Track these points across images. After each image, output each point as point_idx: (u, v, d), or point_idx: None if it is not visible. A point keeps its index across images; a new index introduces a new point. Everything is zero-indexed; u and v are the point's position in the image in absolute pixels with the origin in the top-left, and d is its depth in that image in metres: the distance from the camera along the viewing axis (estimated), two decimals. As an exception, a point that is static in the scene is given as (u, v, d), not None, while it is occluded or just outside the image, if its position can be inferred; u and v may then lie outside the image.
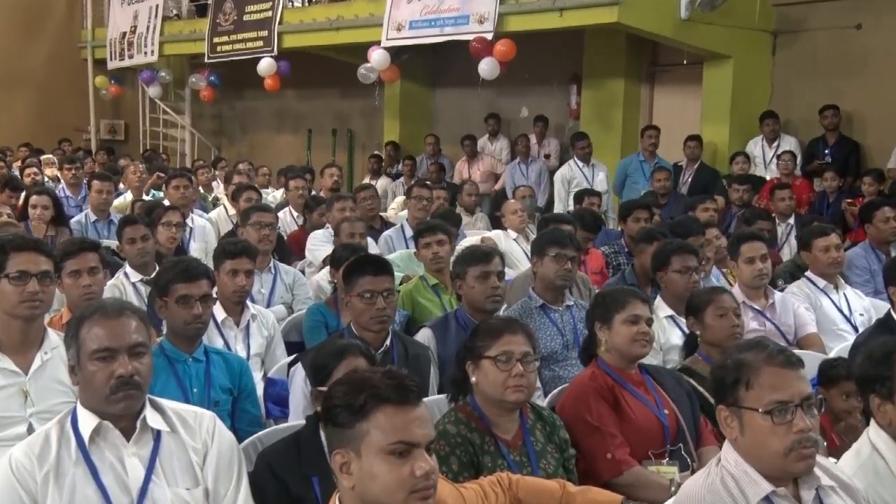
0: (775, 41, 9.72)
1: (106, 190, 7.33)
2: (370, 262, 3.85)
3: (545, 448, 2.96)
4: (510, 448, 2.89)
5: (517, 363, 2.86)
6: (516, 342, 2.90)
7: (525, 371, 2.86)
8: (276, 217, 6.03)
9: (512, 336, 2.91)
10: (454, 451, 2.81)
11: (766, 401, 2.20)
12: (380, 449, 1.97)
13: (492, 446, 2.86)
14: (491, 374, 2.87)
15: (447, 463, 2.78)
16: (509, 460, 2.85)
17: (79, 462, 2.39)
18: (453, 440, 2.83)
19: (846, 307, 5.01)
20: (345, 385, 2.07)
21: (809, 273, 5.15)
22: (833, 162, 8.84)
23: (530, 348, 2.94)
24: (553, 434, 3.02)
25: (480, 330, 3.03)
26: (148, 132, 15.78)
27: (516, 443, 2.91)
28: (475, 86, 10.07)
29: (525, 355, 2.89)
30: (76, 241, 4.33)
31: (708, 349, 3.77)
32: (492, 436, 2.88)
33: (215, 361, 3.53)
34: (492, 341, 2.91)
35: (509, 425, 2.93)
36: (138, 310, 2.56)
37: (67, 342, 2.49)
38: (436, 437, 2.77)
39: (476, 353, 2.93)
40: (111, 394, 2.39)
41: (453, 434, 2.84)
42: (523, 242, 6.87)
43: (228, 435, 2.60)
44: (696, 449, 3.28)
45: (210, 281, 3.66)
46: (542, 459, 2.92)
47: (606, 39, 10.25)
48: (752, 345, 2.34)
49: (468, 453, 2.82)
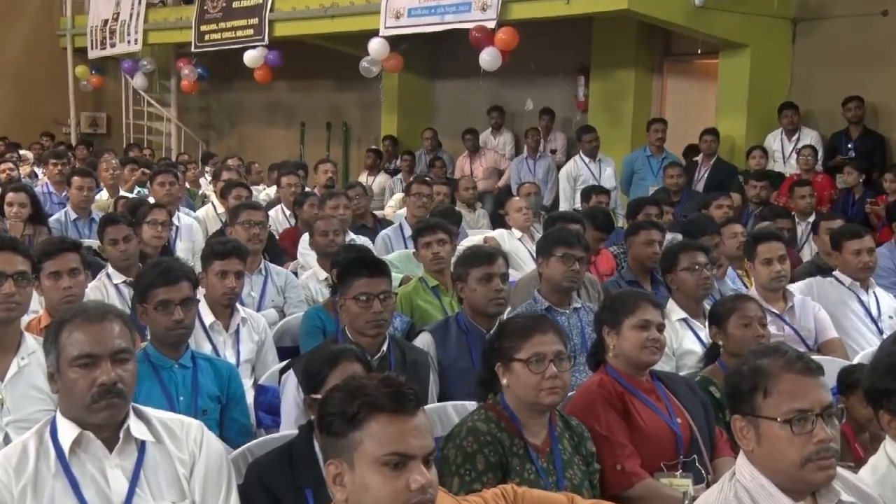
0: (795, 29, 9.71)
1: (87, 186, 7.34)
2: (366, 263, 3.85)
3: (572, 458, 2.97)
4: (539, 453, 2.90)
5: (550, 364, 2.87)
6: (548, 342, 2.91)
7: (559, 371, 2.87)
8: (267, 215, 6.04)
9: (543, 336, 2.92)
10: (482, 449, 2.81)
11: (784, 409, 2.20)
12: (373, 460, 1.97)
13: (521, 449, 2.87)
14: (523, 377, 2.88)
15: (472, 461, 2.79)
16: (538, 466, 2.86)
17: (58, 475, 2.39)
18: (483, 438, 2.83)
19: (875, 308, 5.01)
20: (339, 392, 2.08)
21: (838, 272, 5.14)
22: (856, 157, 8.83)
23: (562, 346, 2.94)
24: (580, 445, 3.03)
25: (508, 330, 3.03)
26: (132, 125, 15.75)
27: (545, 449, 2.92)
28: (477, 77, 10.07)
29: (557, 354, 2.90)
30: (56, 240, 4.34)
31: (729, 360, 3.72)
32: (521, 438, 2.89)
33: (203, 368, 3.53)
34: (521, 342, 2.92)
35: (539, 429, 2.94)
36: (121, 313, 2.56)
37: (46, 348, 2.49)
38: (465, 434, 2.82)
39: (506, 354, 2.94)
40: (93, 402, 2.39)
41: (483, 432, 2.84)
42: (528, 242, 6.87)
43: (217, 445, 2.60)
44: (711, 461, 3.28)
45: (192, 283, 3.64)
46: (569, 469, 2.92)
47: (616, 28, 10.25)
48: (769, 350, 2.34)
49: (497, 453, 2.82)
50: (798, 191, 7.78)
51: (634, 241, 5.40)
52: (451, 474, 2.79)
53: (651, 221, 5.78)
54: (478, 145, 11.40)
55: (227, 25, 12.83)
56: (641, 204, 6.71)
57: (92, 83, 15.59)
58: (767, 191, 8.30)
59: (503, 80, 11.14)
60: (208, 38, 13.18)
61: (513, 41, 9.49)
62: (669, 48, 10.73)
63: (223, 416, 3.51)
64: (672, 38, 10.53)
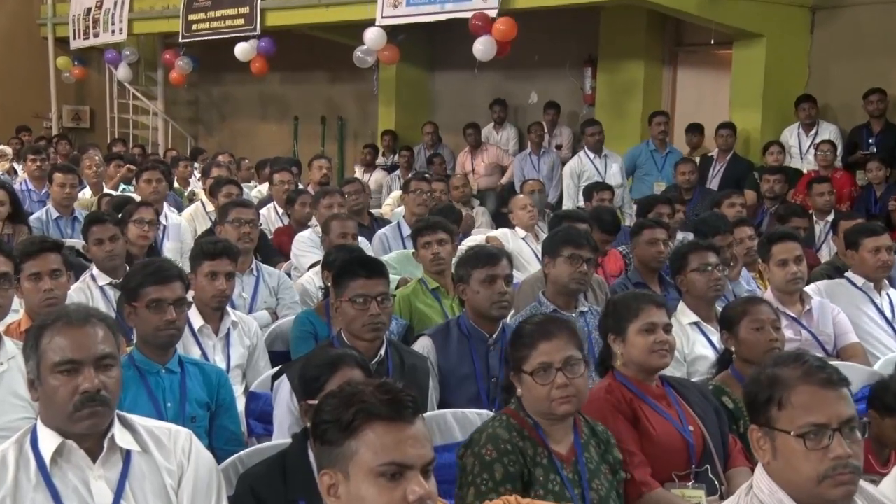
0: (814, 17, 9.70)
1: (69, 183, 7.33)
2: (362, 264, 3.85)
3: (599, 467, 2.95)
4: (564, 463, 2.88)
5: (558, 373, 2.85)
6: (553, 349, 2.89)
7: (569, 378, 2.85)
8: (258, 213, 6.04)
9: (547, 343, 2.90)
10: (501, 458, 2.81)
11: (799, 423, 2.19)
12: (369, 470, 1.97)
13: (545, 458, 2.86)
14: (533, 390, 2.88)
15: (490, 469, 2.78)
16: (563, 476, 2.85)
17: (39, 486, 2.38)
18: (503, 446, 2.82)
19: (889, 311, 5.01)
20: (334, 399, 2.08)
21: (850, 273, 5.15)
22: (878, 152, 8.82)
23: (573, 350, 2.91)
24: (607, 452, 3.02)
25: (514, 338, 3.03)
26: (116, 119, 15.76)
27: (570, 458, 2.91)
28: (479, 69, 10.07)
29: (566, 361, 2.87)
30: (36, 240, 4.33)
31: (742, 366, 3.70)
32: (545, 447, 2.88)
33: (191, 373, 3.53)
34: (527, 351, 2.92)
35: (563, 436, 2.93)
36: (106, 317, 2.55)
37: (26, 353, 2.49)
38: (484, 441, 2.82)
39: (516, 365, 2.94)
40: (75, 411, 2.38)
41: (504, 440, 2.84)
42: (532, 242, 6.88)
43: (207, 455, 2.60)
44: (725, 470, 3.29)
45: (184, 283, 3.67)
46: (595, 479, 2.91)
47: (625, 17, 10.25)
48: (789, 358, 2.32)
49: (518, 463, 2.82)
50: (816, 188, 7.76)
51: (638, 241, 5.42)
52: (468, 484, 2.79)
53: (655, 220, 5.79)
54: (479, 140, 11.40)
55: (216, 14, 12.82)
56: (653, 202, 6.70)
57: (74, 75, 15.57)
58: (782, 185, 8.30)
59: (506, 73, 11.14)
60: (197, 28, 13.18)
61: (511, 31, 9.44)
62: (681, 38, 10.74)
63: (212, 424, 3.51)
64: (684, 27, 10.53)
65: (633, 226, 5.62)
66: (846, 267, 5.32)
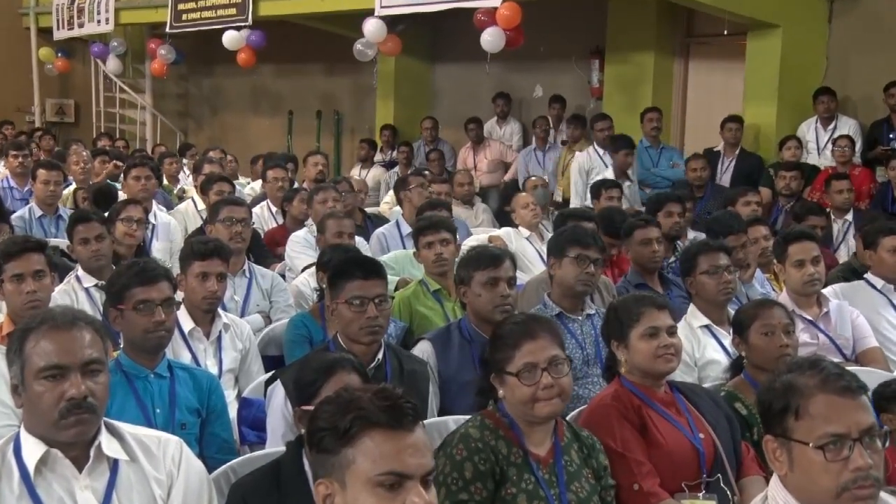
0: (832, 6, 9.71)
1: (53, 180, 7.34)
2: (359, 264, 3.86)
3: (580, 471, 2.99)
4: (540, 463, 2.93)
5: (543, 373, 2.90)
6: (538, 348, 2.94)
7: (554, 378, 2.90)
8: (250, 212, 6.04)
9: (531, 343, 2.95)
10: (472, 457, 2.86)
11: (817, 433, 2.19)
12: (367, 480, 1.98)
13: (519, 458, 2.91)
14: (517, 391, 2.92)
15: (460, 469, 2.83)
16: (538, 476, 2.90)
17: (22, 496, 2.39)
18: (473, 445, 2.88)
19: None
20: (330, 405, 2.09)
21: (869, 275, 5.15)
22: (899, 148, 8.85)
23: (556, 350, 2.96)
24: (590, 457, 3.05)
25: (496, 340, 3.06)
26: (102, 113, 15.75)
27: (547, 459, 2.95)
28: (481, 61, 10.03)
29: (551, 361, 2.93)
30: (18, 240, 4.34)
31: (754, 372, 3.72)
32: (521, 447, 2.92)
33: (181, 378, 3.54)
34: (510, 352, 2.96)
35: (542, 439, 2.98)
36: (93, 320, 2.56)
37: (9, 358, 2.49)
38: (456, 441, 2.87)
39: (498, 366, 2.98)
40: (61, 418, 2.39)
41: (475, 438, 2.89)
42: (536, 241, 6.88)
43: (197, 464, 2.62)
44: (738, 480, 3.29)
45: (171, 283, 3.68)
46: (575, 482, 2.95)
47: (634, 6, 10.26)
48: (806, 365, 2.32)
49: (489, 461, 2.86)
50: (835, 185, 7.76)
51: (631, 243, 5.41)
52: (440, 484, 2.82)
53: (645, 218, 5.77)
54: (482, 135, 11.40)
55: (206, 4, 12.79)
56: (663, 200, 6.70)
57: (57, 67, 15.57)
58: (798, 181, 8.30)
59: (510, 65, 11.14)
60: (186, 18, 13.17)
61: (515, 17, 9.37)
62: (692, 28, 10.75)
63: (203, 432, 3.51)
64: (695, 17, 10.54)
65: (624, 227, 5.60)
66: (864, 269, 5.32)
